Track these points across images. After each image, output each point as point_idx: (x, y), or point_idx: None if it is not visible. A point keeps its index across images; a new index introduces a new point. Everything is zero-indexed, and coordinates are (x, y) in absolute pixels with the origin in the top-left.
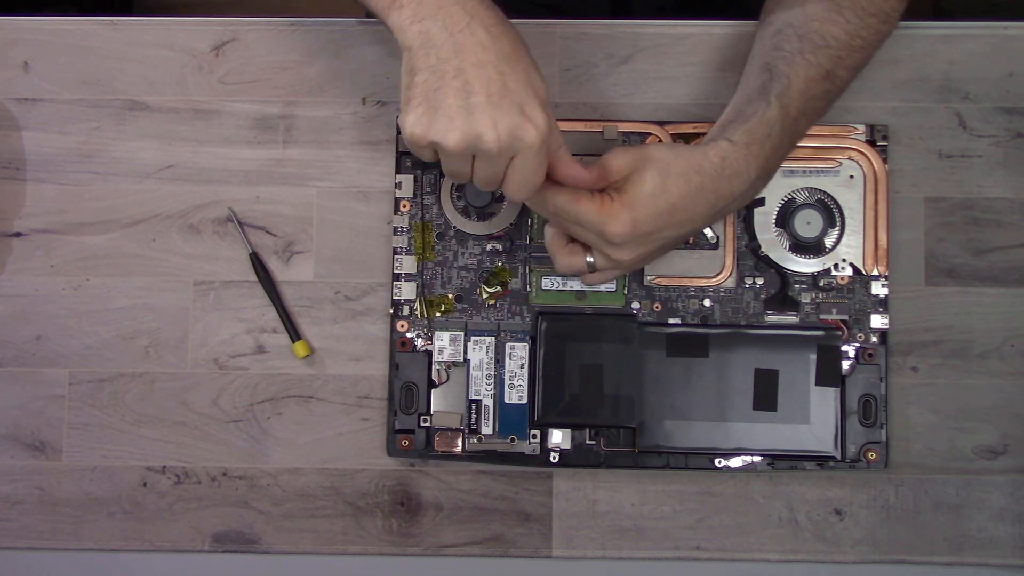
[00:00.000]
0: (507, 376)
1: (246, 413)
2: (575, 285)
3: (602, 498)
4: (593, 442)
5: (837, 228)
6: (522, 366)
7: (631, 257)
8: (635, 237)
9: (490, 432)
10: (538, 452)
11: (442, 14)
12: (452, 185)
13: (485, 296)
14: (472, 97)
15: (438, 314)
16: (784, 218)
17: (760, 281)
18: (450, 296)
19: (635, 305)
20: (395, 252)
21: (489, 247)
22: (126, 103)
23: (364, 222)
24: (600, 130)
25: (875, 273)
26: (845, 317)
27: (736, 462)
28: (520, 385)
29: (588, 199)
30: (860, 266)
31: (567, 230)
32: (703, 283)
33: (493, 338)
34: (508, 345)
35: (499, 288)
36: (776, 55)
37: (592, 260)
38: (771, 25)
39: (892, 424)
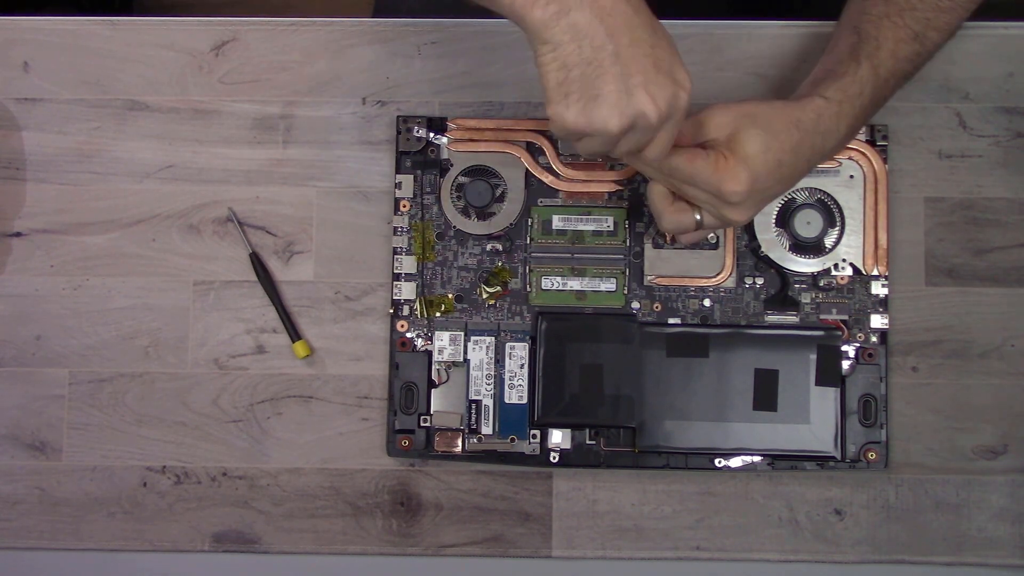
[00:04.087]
0: (507, 376)
1: (246, 413)
2: (575, 285)
3: (602, 498)
4: (593, 442)
5: (837, 228)
6: (522, 366)
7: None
8: (752, 194)
9: (490, 432)
10: (538, 452)
11: (587, 2)
12: (452, 185)
13: (485, 296)
14: (631, 79)
15: (438, 314)
16: (784, 218)
17: (760, 281)
18: (450, 296)
19: (635, 305)
20: (395, 252)
21: (489, 247)
22: (126, 103)
23: (364, 222)
24: None
25: (875, 273)
26: (845, 317)
27: (736, 462)
28: (520, 385)
29: (703, 159)
30: (860, 266)
31: (677, 190)
32: (703, 283)
33: (493, 338)
34: (508, 345)
35: (499, 288)
36: (863, 18)
37: (700, 218)
38: None
39: (892, 424)
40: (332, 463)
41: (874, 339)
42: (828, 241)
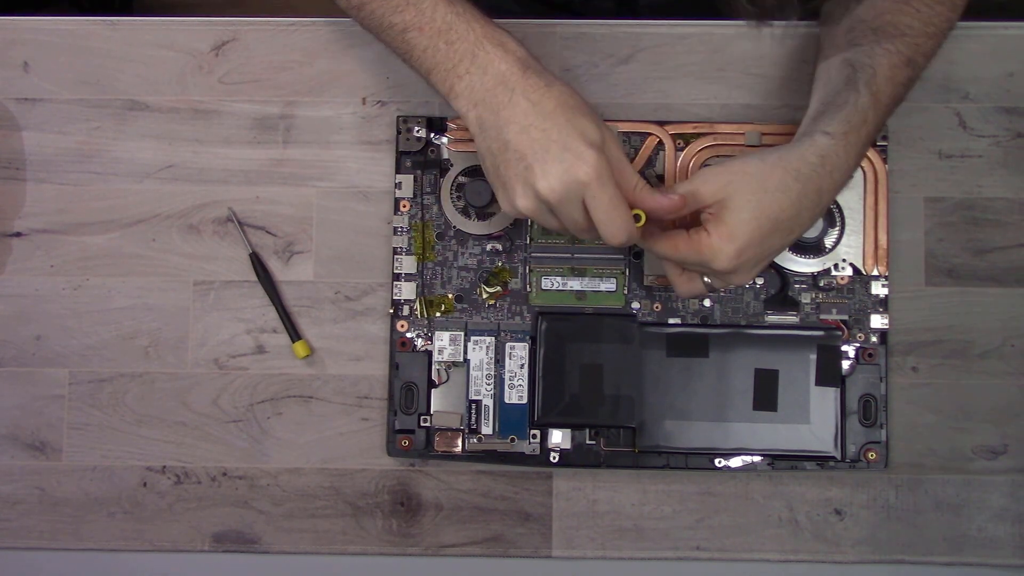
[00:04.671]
0: (507, 376)
1: (246, 413)
2: (575, 285)
3: (602, 498)
4: (593, 442)
5: (837, 228)
6: (522, 366)
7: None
8: (743, 263)
9: (490, 432)
10: (538, 452)
11: (488, 96)
12: (452, 185)
13: (485, 296)
14: (523, 161)
15: (438, 314)
16: None
17: (760, 281)
18: (450, 296)
19: (635, 305)
20: (395, 252)
21: (489, 247)
22: (126, 103)
23: (364, 222)
24: None
25: (875, 273)
26: (845, 317)
27: (736, 462)
28: (520, 385)
29: (685, 242)
30: (860, 266)
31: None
32: None
33: (493, 338)
34: (508, 345)
35: (499, 288)
36: (854, 50)
37: (709, 281)
38: (840, 24)
39: (892, 424)
40: (332, 463)
41: (874, 339)
42: (828, 241)
